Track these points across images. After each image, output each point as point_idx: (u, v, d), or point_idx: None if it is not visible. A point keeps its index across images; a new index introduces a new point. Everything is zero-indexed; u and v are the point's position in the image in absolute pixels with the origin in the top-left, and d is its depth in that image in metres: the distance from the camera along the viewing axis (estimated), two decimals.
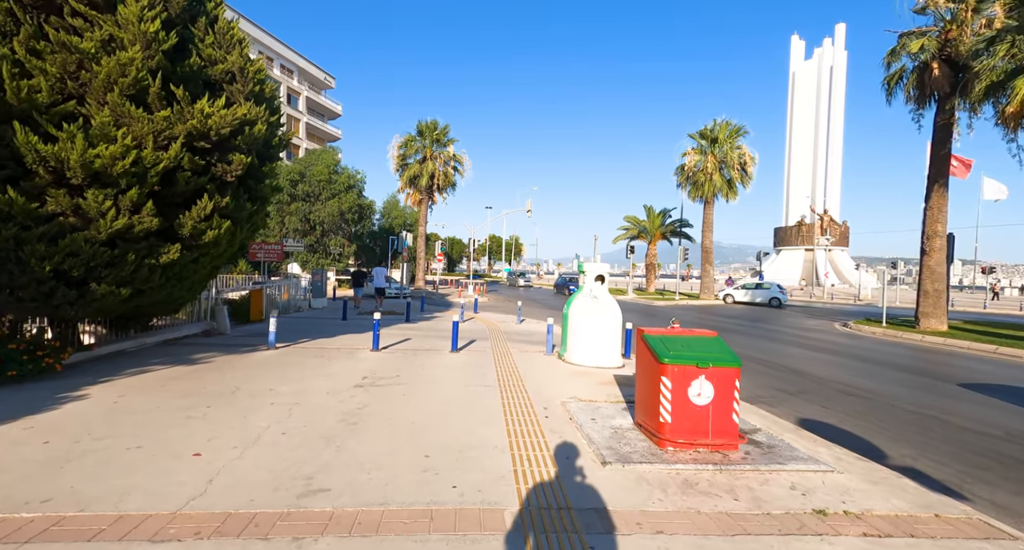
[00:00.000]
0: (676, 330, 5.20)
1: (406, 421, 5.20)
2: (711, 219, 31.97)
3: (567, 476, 3.99)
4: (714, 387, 4.66)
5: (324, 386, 6.57)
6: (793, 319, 22.31)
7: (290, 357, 8.55)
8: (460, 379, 7.31)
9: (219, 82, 7.52)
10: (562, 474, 4.02)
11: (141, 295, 7.16)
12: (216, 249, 7.54)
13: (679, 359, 4.64)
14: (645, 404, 5.09)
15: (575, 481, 3.90)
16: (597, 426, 5.26)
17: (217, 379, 6.74)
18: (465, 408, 5.78)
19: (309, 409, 5.52)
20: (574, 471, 4.10)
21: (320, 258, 35.22)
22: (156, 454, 4.09)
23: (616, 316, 8.81)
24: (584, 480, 3.93)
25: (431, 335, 12.00)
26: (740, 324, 19.15)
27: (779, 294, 30.00)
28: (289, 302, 16.82)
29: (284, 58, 54.20)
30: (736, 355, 4.82)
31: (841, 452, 4.99)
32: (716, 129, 30.96)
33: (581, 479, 3.95)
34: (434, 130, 34.55)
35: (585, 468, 4.18)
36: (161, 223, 6.54)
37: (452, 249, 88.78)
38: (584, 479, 3.95)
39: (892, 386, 8.79)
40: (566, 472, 4.07)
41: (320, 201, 33.92)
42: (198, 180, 6.74)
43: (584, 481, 3.91)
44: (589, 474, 4.05)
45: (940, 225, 17.02)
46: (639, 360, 5.29)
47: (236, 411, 5.35)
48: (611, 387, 7.16)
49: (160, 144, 6.31)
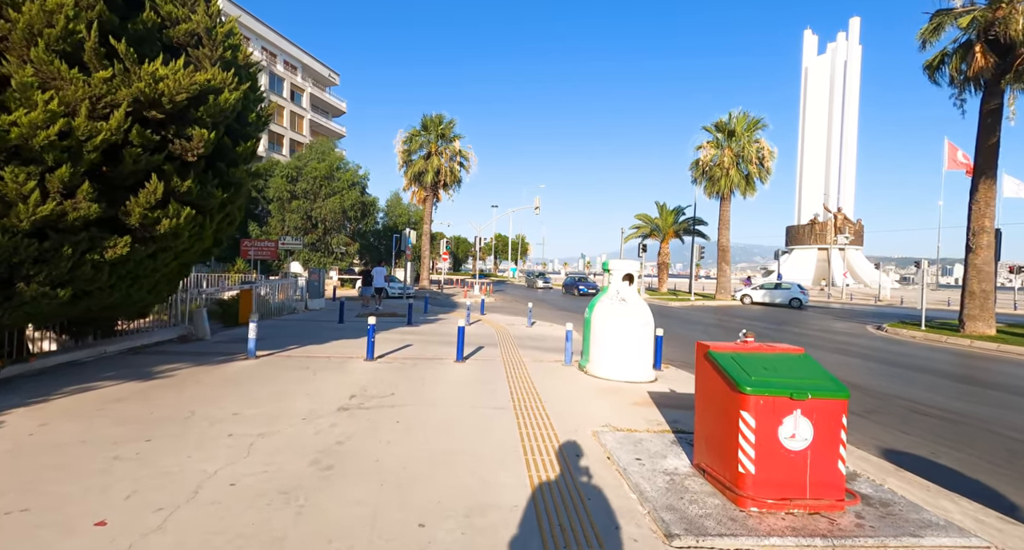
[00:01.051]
0: (751, 346, 3.96)
1: (397, 464, 3.99)
2: (728, 216, 30.58)
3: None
4: (813, 426, 3.43)
5: (302, 409, 5.39)
6: (819, 321, 20.95)
7: (269, 369, 7.37)
8: (466, 398, 6.10)
9: (182, 45, 6.35)
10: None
11: (88, 297, 6.01)
12: (178, 243, 6.37)
13: (766, 388, 3.41)
14: (713, 443, 3.86)
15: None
16: (645, 470, 4.04)
17: (172, 400, 5.57)
18: (473, 441, 4.57)
19: (276, 444, 4.33)
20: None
21: (322, 257, 34.13)
22: (41, 525, 2.91)
23: (647, 322, 7.58)
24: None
25: (434, 340, 10.80)
26: (766, 327, 17.83)
27: (800, 294, 28.59)
28: (283, 303, 15.68)
29: (287, 54, 53.24)
30: (839, 381, 3.58)
31: (973, 507, 3.74)
32: (733, 122, 29.56)
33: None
34: (439, 124, 33.38)
35: (643, 544, 2.96)
36: (104, 210, 5.38)
37: (458, 248, 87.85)
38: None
39: (970, 403, 7.50)
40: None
41: (321, 198, 32.79)
42: (151, 159, 5.57)
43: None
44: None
45: (988, 220, 15.63)
46: (702, 384, 4.06)
47: (181, 447, 4.17)
48: (648, 409, 5.93)
49: (99, 112, 5.14)
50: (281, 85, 51.67)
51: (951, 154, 43.72)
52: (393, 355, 8.84)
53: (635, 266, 7.99)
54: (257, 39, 47.82)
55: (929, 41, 16.40)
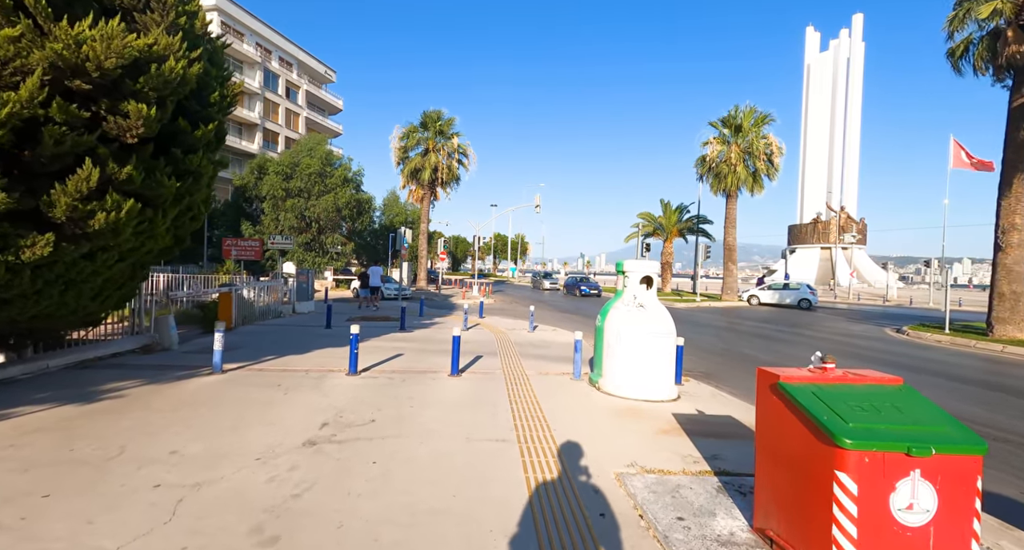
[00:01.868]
0: (835, 375, 3.00)
1: (365, 531, 3.02)
2: (734, 214, 29.63)
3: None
4: (937, 492, 2.47)
5: (258, 444, 4.41)
6: (834, 323, 20.00)
7: (233, 387, 6.40)
8: (461, 426, 5.13)
9: (129, 9, 5.37)
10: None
11: (8, 306, 5.04)
12: (120, 240, 5.38)
13: (872, 439, 2.45)
14: (785, 505, 2.90)
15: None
16: (693, 539, 3.07)
17: (103, 431, 4.59)
18: (468, 494, 3.60)
19: (212, 500, 3.36)
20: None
21: (316, 257, 33.08)
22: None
23: (669, 331, 6.62)
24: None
25: (427, 349, 9.82)
26: (778, 330, 16.87)
27: (809, 295, 27.64)
28: (269, 307, 14.69)
29: (283, 50, 52.15)
30: (968, 428, 2.62)
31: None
32: (740, 116, 28.60)
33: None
34: (437, 120, 32.39)
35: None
36: (19, 201, 4.41)
37: (457, 248, 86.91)
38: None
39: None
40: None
41: (315, 196, 31.73)
42: (78, 139, 4.59)
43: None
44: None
45: (1019, 217, 14.67)
46: (769, 426, 3.10)
47: (85, 507, 3.20)
48: (678, 439, 4.97)
49: (6, 80, 4.17)
50: (276, 82, 50.63)
51: (957, 152, 42.78)
52: (380, 367, 7.87)
53: (654, 267, 7.03)
54: (251, 35, 46.77)
55: (958, 29, 15.48)
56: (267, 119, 48.91)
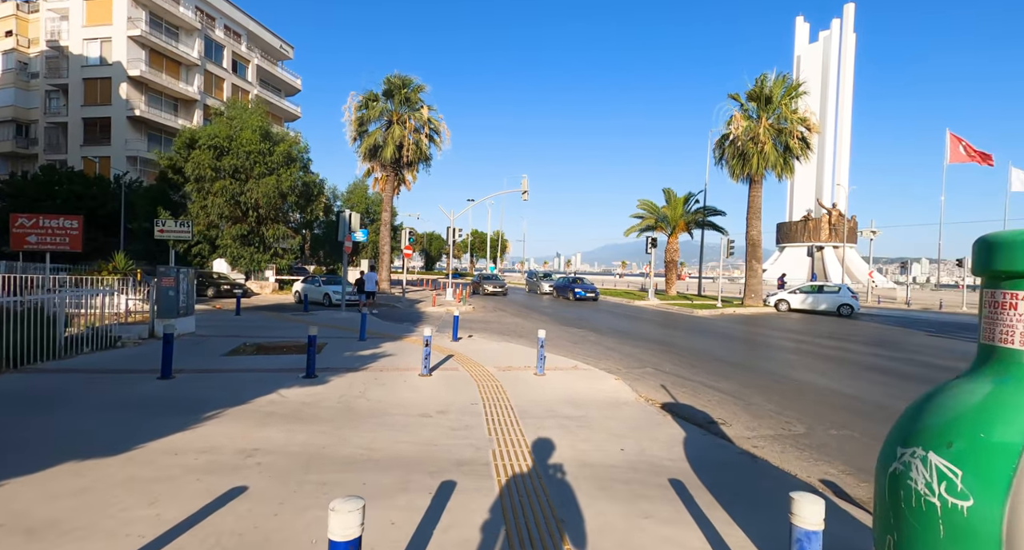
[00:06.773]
0: None
1: None
2: (759, 203, 24.89)
3: None
4: None
5: None
6: (908, 337, 15.22)
7: None
8: None
9: None
10: None
11: None
12: None
13: None
14: None
15: None
16: None
17: None
18: None
19: None
20: None
21: (255, 252, 26.76)
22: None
23: None
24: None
25: (324, 453, 4.40)
26: (855, 352, 11.83)
27: (850, 299, 23.06)
28: (95, 329, 8.93)
29: (229, 18, 45.39)
30: None
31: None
32: (768, 87, 23.83)
33: None
34: (403, 87, 26.66)
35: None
36: None
37: (431, 246, 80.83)
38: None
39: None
40: None
41: (253, 178, 25.41)
42: None
43: None
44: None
45: None
46: None
47: None
48: None
49: None
50: (220, 53, 43.93)
51: (954, 146, 39.16)
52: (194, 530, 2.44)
53: None
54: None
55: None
56: (209, 95, 42.26)
